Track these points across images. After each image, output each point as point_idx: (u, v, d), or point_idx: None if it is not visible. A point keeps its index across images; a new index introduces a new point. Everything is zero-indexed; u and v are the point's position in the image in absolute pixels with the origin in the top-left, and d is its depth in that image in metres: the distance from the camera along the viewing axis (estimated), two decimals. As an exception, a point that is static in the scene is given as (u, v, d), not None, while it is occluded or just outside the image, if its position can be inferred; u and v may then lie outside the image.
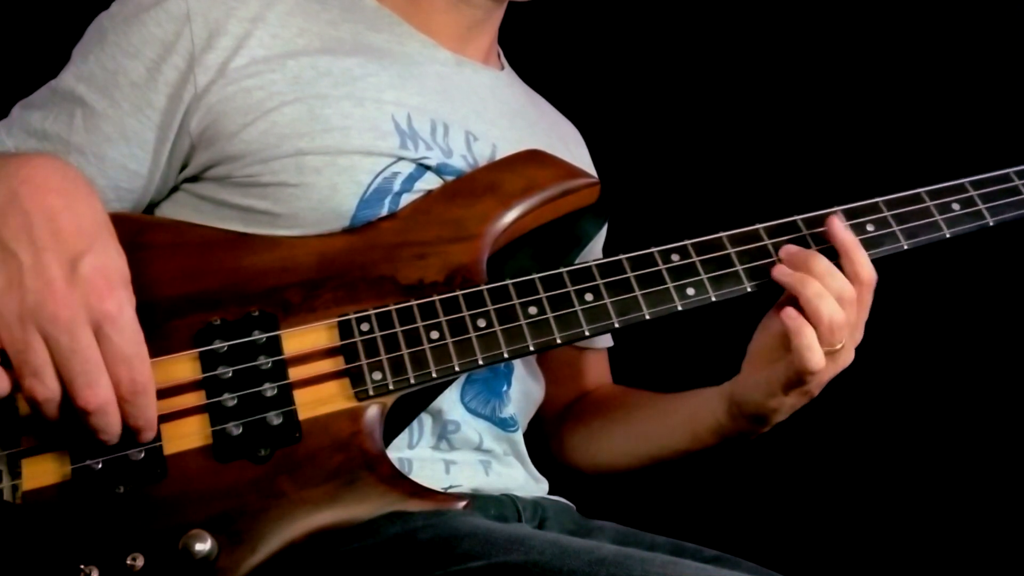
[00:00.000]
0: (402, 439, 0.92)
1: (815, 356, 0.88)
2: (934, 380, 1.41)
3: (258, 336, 0.85)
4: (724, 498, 1.45)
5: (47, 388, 0.73)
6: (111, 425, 0.75)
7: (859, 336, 0.93)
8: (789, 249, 0.93)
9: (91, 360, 0.73)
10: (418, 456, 0.93)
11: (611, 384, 1.24)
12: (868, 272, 0.91)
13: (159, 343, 0.82)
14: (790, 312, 0.90)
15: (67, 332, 0.72)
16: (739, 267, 0.93)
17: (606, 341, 1.23)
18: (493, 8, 1.09)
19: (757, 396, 0.95)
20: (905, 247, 0.96)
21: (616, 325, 0.90)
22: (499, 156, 1.03)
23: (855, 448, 1.43)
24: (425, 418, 0.94)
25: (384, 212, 0.94)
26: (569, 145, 1.22)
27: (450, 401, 0.95)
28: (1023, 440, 1.36)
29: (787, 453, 1.40)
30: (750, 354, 0.96)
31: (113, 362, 0.74)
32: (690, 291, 0.92)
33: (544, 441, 1.19)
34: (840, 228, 0.92)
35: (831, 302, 0.88)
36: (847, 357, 0.93)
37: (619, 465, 1.13)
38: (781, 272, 0.91)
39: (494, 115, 1.09)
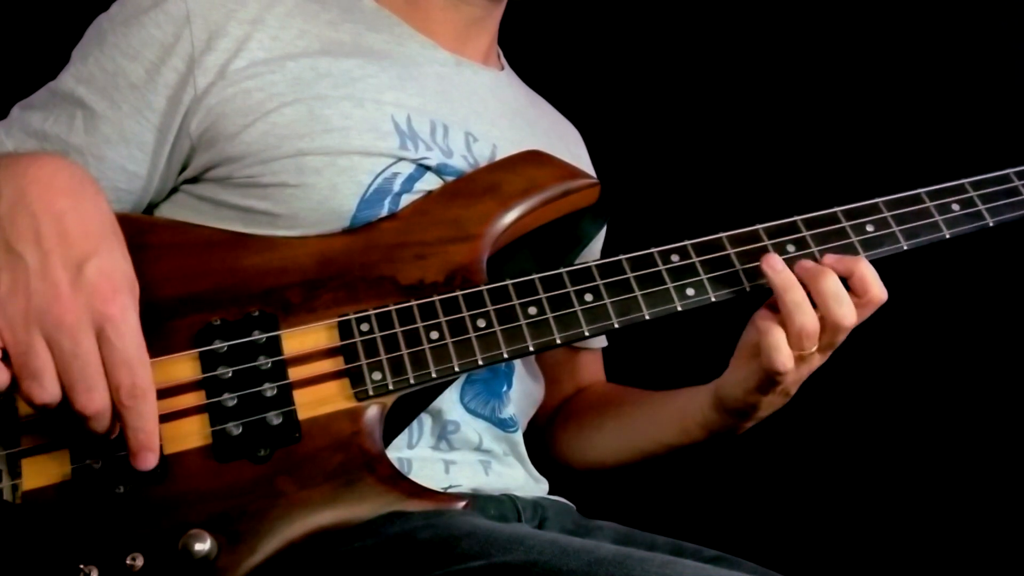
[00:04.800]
0: (402, 439, 0.92)
1: (780, 357, 0.88)
2: (934, 380, 1.41)
3: (258, 336, 0.85)
4: (724, 498, 1.45)
5: (45, 392, 0.72)
6: (109, 431, 0.76)
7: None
8: (804, 264, 0.91)
9: (91, 365, 0.73)
10: (418, 456, 0.93)
11: (604, 382, 1.24)
12: (877, 292, 0.90)
13: (159, 343, 0.82)
14: (763, 313, 0.91)
15: (70, 336, 0.72)
16: (739, 267, 0.93)
17: (601, 341, 1.24)
18: (491, 7, 1.09)
19: (737, 392, 0.95)
20: (905, 248, 0.96)
21: (616, 325, 0.90)
22: (499, 156, 1.03)
23: (855, 448, 1.43)
24: (425, 418, 0.94)
25: (384, 212, 0.94)
26: (569, 145, 1.22)
27: (450, 401, 0.95)
28: (1023, 440, 1.36)
29: (786, 453, 1.40)
30: (737, 350, 0.96)
31: (114, 366, 0.74)
32: (690, 291, 0.92)
33: (547, 440, 1.19)
34: (836, 258, 0.91)
35: (807, 313, 0.88)
36: (821, 358, 0.92)
37: (609, 460, 1.13)
38: (769, 267, 0.90)
39: (494, 115, 1.09)
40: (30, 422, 0.79)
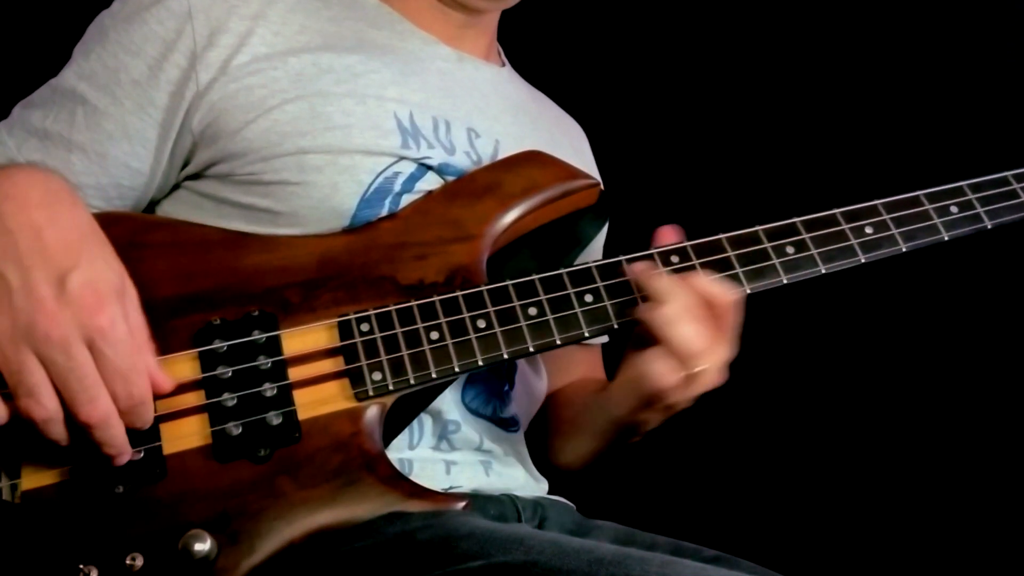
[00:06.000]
0: (402, 439, 0.92)
1: (666, 379, 0.85)
2: (934, 382, 1.41)
3: (258, 336, 0.85)
4: (724, 498, 1.45)
5: (44, 408, 0.72)
6: (115, 437, 0.75)
7: (731, 353, 0.89)
8: (636, 268, 0.90)
9: (89, 376, 0.73)
10: (418, 456, 0.93)
11: (594, 379, 1.21)
12: (718, 294, 0.87)
13: (159, 343, 0.82)
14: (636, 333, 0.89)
15: (62, 351, 0.71)
16: (739, 269, 0.93)
17: (600, 338, 1.23)
18: (475, 16, 1.09)
19: (621, 411, 0.94)
20: (904, 250, 0.96)
21: (615, 327, 0.90)
22: (502, 152, 1.04)
23: (854, 448, 1.43)
24: (425, 418, 0.94)
25: (384, 212, 0.94)
26: (572, 140, 1.22)
27: (450, 401, 0.95)
28: (1023, 440, 1.37)
29: (786, 453, 1.40)
30: (621, 368, 0.94)
31: (109, 377, 0.74)
32: (690, 292, 0.92)
33: (544, 440, 1.19)
34: (650, 274, 0.88)
35: (682, 328, 0.85)
36: (714, 377, 0.88)
37: (570, 463, 1.10)
38: (639, 311, 0.88)
39: (496, 111, 1.09)
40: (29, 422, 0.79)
